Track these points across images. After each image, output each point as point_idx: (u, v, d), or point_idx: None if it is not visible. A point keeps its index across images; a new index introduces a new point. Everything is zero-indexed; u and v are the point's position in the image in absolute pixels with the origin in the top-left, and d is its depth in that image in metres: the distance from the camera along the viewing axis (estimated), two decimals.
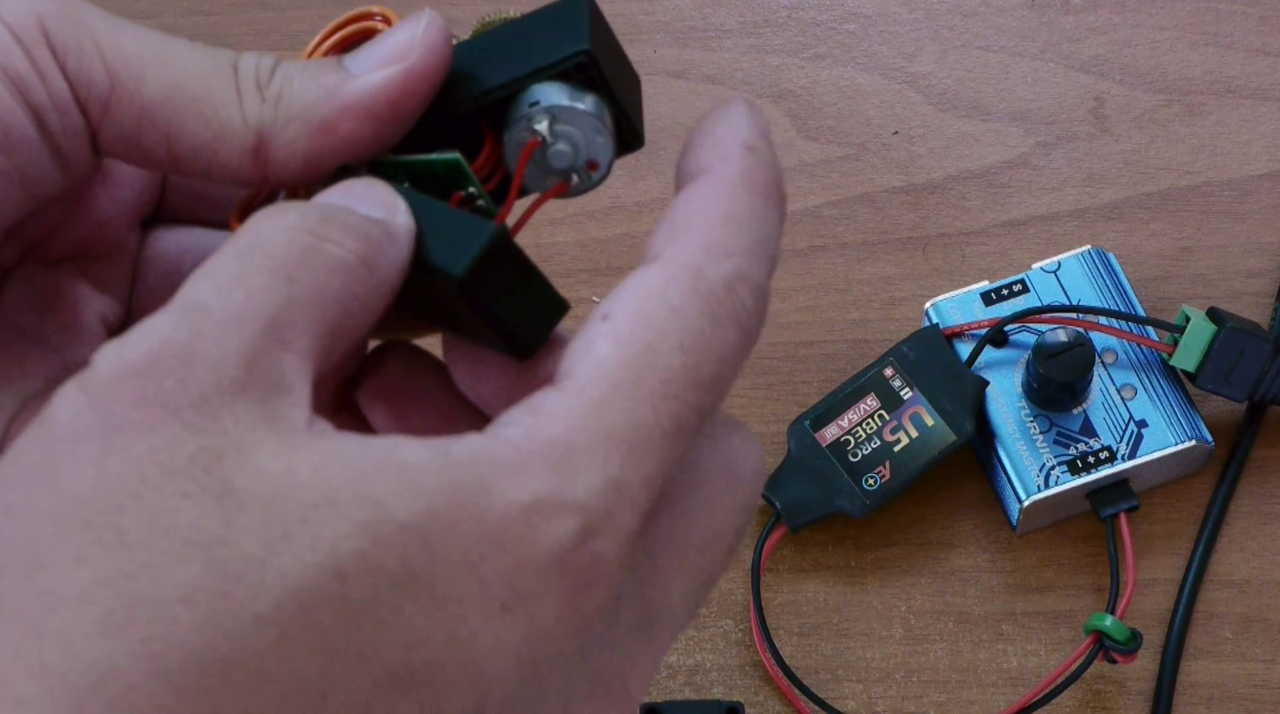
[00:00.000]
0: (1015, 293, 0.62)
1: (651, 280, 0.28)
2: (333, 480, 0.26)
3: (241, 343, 0.27)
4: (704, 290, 0.28)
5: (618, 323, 0.28)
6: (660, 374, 0.28)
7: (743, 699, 0.59)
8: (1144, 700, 0.59)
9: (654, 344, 0.28)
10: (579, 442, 0.27)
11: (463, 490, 0.26)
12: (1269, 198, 0.66)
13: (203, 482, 0.26)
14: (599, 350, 0.28)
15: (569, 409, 0.27)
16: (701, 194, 0.30)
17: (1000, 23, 0.70)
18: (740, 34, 0.70)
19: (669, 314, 0.28)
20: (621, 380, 0.27)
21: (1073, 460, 0.59)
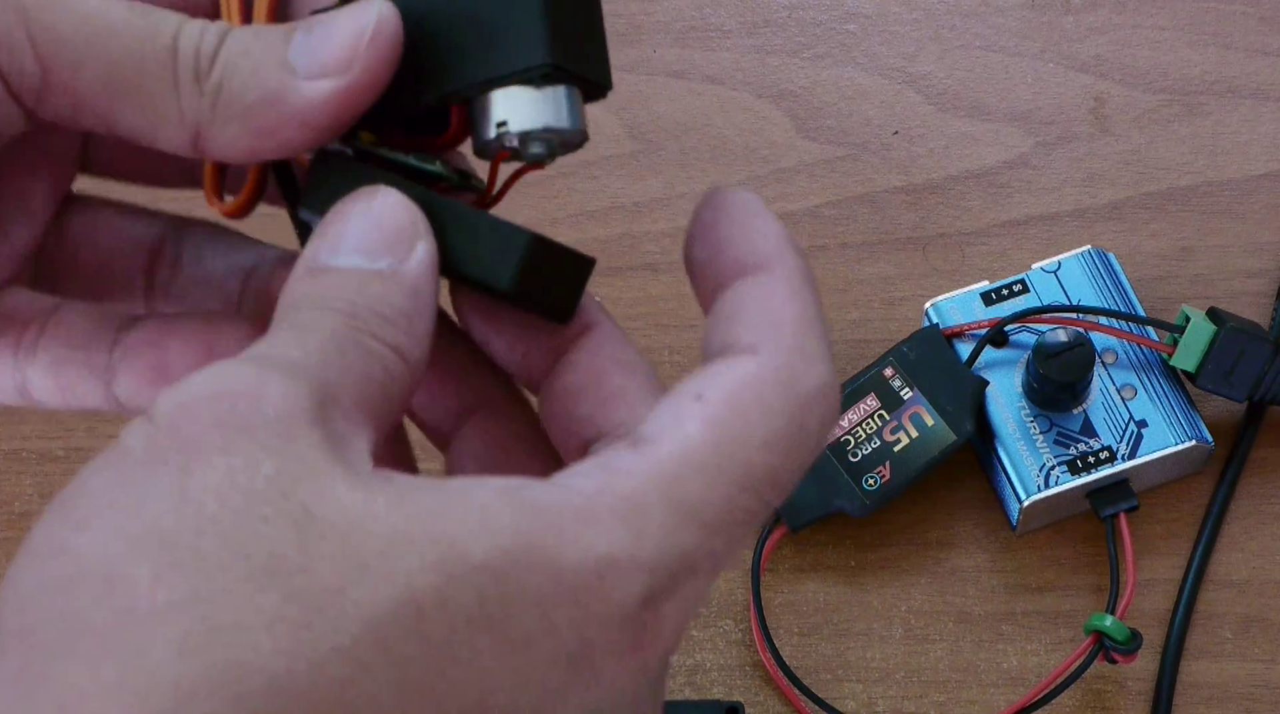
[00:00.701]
0: (1015, 293, 0.62)
1: (747, 372, 0.29)
2: (407, 517, 0.26)
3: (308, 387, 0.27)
4: (798, 394, 0.29)
5: (710, 407, 0.29)
6: (743, 466, 0.28)
7: (743, 699, 0.59)
8: (1144, 700, 0.59)
9: (743, 437, 0.29)
10: (651, 504, 0.28)
11: (535, 535, 0.27)
12: (1269, 198, 0.66)
13: (281, 506, 0.26)
14: (688, 429, 0.28)
15: (644, 472, 0.28)
16: (780, 294, 0.31)
17: (1000, 23, 0.70)
18: (740, 34, 0.70)
19: (762, 411, 0.29)
20: (704, 462, 0.28)
21: (1073, 460, 0.59)
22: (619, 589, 0.27)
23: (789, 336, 0.30)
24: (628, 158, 0.68)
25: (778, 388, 0.29)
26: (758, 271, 0.31)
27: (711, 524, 0.28)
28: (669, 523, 0.28)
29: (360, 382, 0.29)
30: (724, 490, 0.28)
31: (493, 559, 0.26)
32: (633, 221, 0.67)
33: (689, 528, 0.28)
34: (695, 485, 0.28)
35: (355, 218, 0.31)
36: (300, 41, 0.31)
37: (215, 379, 0.27)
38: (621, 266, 0.66)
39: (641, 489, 0.28)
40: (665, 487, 0.28)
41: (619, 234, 0.66)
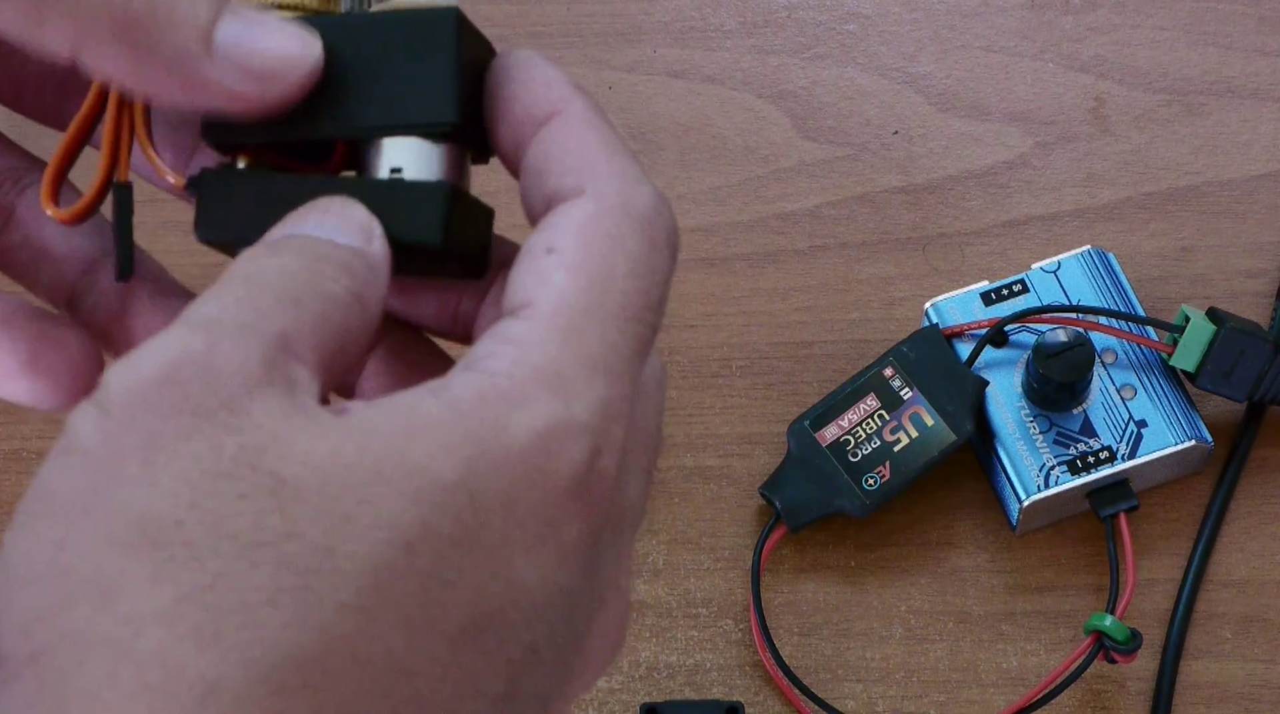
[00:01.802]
0: (1015, 293, 0.62)
1: (584, 212, 0.30)
2: (375, 454, 0.26)
3: (258, 348, 0.27)
4: (636, 217, 0.30)
5: (566, 255, 0.30)
6: (619, 299, 0.29)
7: (743, 699, 0.59)
8: (1144, 700, 0.59)
9: (607, 271, 0.30)
10: (566, 367, 0.28)
11: (485, 435, 0.27)
12: (1269, 198, 0.66)
13: (252, 480, 0.26)
14: (556, 281, 0.29)
15: (544, 337, 0.29)
16: (578, 131, 0.31)
17: (1000, 23, 0.70)
18: (740, 34, 0.70)
19: (612, 243, 0.30)
20: (586, 307, 0.29)
21: (1073, 460, 0.59)
22: (565, 459, 0.28)
23: (605, 167, 0.31)
24: None
25: (617, 217, 0.30)
26: (550, 119, 0.32)
27: (616, 367, 0.29)
28: (586, 378, 0.28)
29: (317, 322, 0.29)
30: (615, 328, 0.29)
31: (459, 475, 0.27)
32: None
33: (602, 376, 0.29)
34: (591, 334, 0.29)
35: (315, 209, 0.31)
36: (231, 29, 0.31)
37: (161, 354, 0.27)
38: None
39: (550, 353, 0.28)
40: (568, 343, 0.29)
41: None
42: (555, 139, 0.32)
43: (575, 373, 0.28)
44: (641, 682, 0.60)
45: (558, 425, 0.28)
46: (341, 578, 0.25)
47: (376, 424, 0.27)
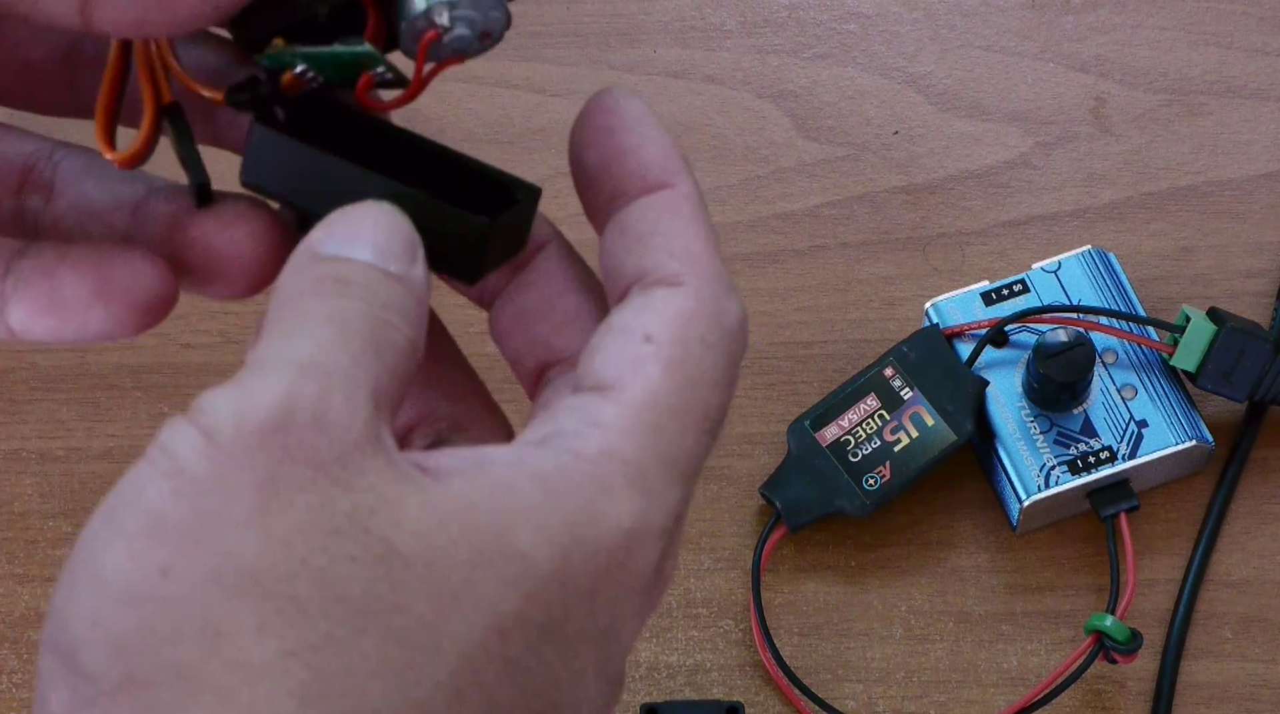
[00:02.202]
0: (1015, 293, 0.62)
1: (685, 308, 0.31)
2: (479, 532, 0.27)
3: (364, 402, 0.28)
4: (727, 328, 0.31)
5: (663, 348, 0.30)
6: (702, 408, 0.30)
7: (743, 699, 0.59)
8: (1144, 700, 0.59)
9: (697, 378, 0.30)
10: (649, 466, 0.29)
11: (579, 526, 0.28)
12: (1269, 198, 0.66)
13: (364, 542, 0.26)
14: (650, 373, 0.30)
15: (632, 429, 0.29)
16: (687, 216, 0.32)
17: (1000, 23, 0.70)
18: (740, 34, 0.70)
19: (705, 349, 0.30)
20: (674, 408, 0.30)
21: (1073, 460, 0.59)
22: (641, 559, 0.28)
23: (708, 266, 0.31)
24: None
25: (711, 322, 0.31)
26: (661, 188, 0.32)
27: (687, 471, 0.30)
28: (665, 481, 0.29)
29: (392, 375, 0.29)
30: (693, 436, 0.30)
31: (556, 565, 0.27)
32: None
33: (677, 482, 0.29)
34: (672, 434, 0.29)
35: (368, 221, 0.31)
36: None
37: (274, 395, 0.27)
38: None
39: (638, 447, 0.29)
40: (653, 441, 0.29)
41: None
42: (664, 215, 0.32)
43: (657, 472, 0.29)
44: (641, 682, 0.60)
45: (640, 525, 0.28)
46: (442, 658, 0.26)
47: (476, 499, 0.27)
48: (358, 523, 0.26)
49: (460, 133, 0.67)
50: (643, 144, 0.33)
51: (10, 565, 0.62)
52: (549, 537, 0.27)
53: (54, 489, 0.63)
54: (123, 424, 0.64)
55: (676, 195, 0.32)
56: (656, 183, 0.32)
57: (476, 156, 0.35)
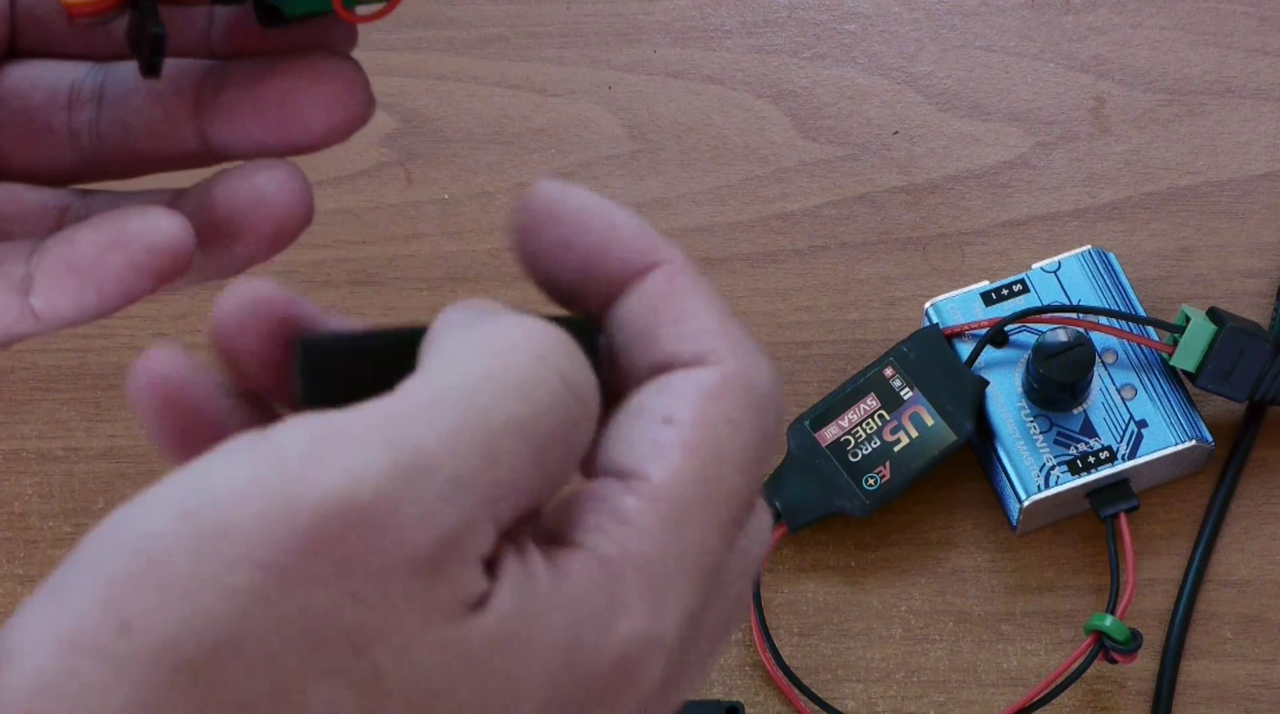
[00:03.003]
0: (1015, 293, 0.62)
1: (708, 384, 0.28)
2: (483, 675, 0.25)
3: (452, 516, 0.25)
4: (756, 402, 0.29)
5: (685, 430, 0.28)
6: (725, 495, 0.28)
7: (743, 699, 0.59)
8: (1144, 700, 0.59)
9: (720, 460, 0.28)
10: (664, 568, 0.27)
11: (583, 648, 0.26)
12: (1269, 198, 0.66)
13: (348, 662, 0.24)
14: (672, 460, 0.28)
15: (652, 526, 0.27)
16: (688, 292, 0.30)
17: (1000, 23, 0.70)
18: (740, 34, 0.70)
19: (731, 428, 0.28)
20: (694, 499, 0.27)
21: (1073, 460, 0.59)
22: (645, 676, 0.27)
23: (724, 337, 0.29)
24: (628, 158, 0.68)
25: (739, 395, 0.28)
26: (650, 269, 0.30)
27: (707, 570, 0.28)
28: (682, 585, 0.27)
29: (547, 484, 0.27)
30: (716, 532, 0.28)
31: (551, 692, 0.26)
32: None
33: (695, 587, 0.27)
34: (693, 530, 0.27)
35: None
36: None
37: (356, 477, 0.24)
38: None
39: (655, 547, 0.27)
40: (672, 538, 0.27)
41: None
42: (663, 298, 0.30)
43: (670, 575, 0.27)
44: None
45: (647, 641, 0.27)
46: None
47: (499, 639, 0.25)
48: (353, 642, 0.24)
49: (460, 132, 0.67)
50: (611, 233, 0.30)
51: (10, 565, 0.62)
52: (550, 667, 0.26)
53: (54, 489, 0.63)
54: (123, 424, 0.64)
55: (671, 271, 0.30)
56: (643, 266, 0.30)
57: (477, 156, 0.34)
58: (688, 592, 0.27)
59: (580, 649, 0.26)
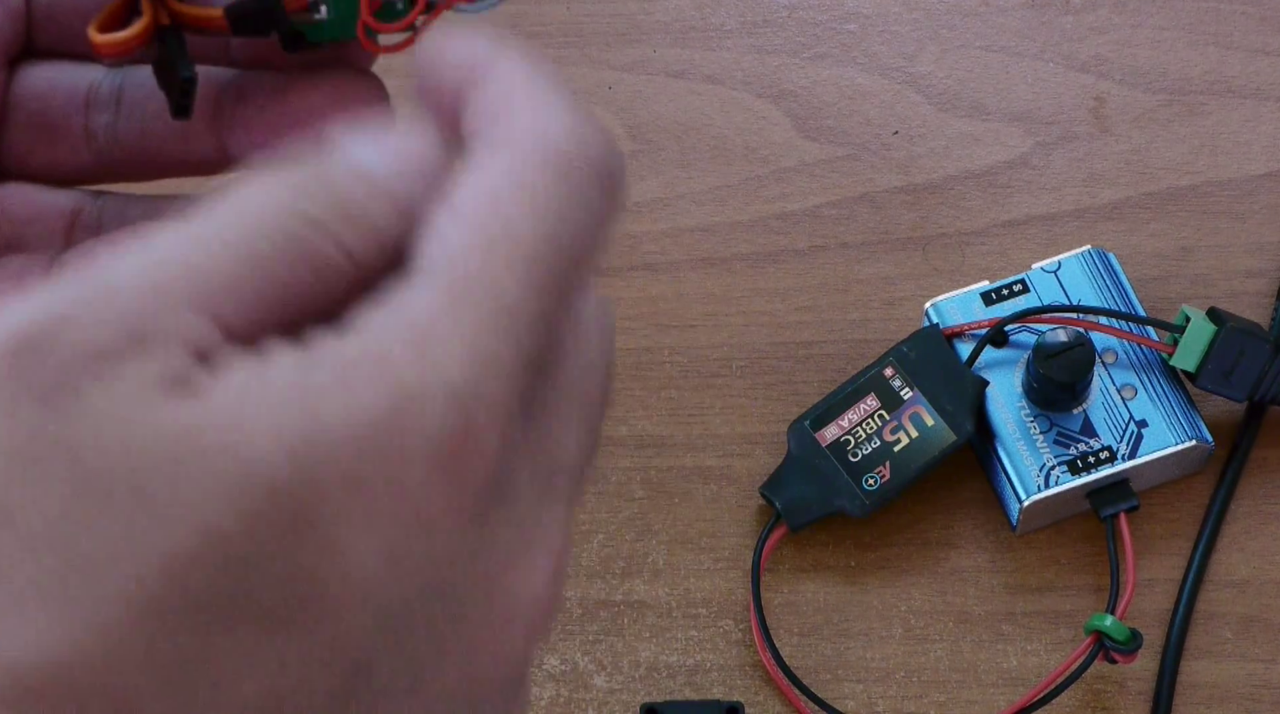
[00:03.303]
0: (1015, 293, 0.62)
1: (487, 152, 0.27)
2: (199, 439, 0.24)
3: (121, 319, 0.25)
4: (551, 155, 0.27)
5: (464, 207, 0.26)
6: (517, 247, 0.26)
7: (743, 699, 0.59)
8: (1144, 700, 0.59)
9: (507, 218, 0.26)
10: (440, 327, 0.25)
11: (329, 408, 0.24)
12: (1269, 198, 0.66)
13: (52, 466, 0.23)
14: (448, 237, 0.26)
15: (421, 297, 0.26)
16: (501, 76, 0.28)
17: (1000, 23, 0.70)
18: (740, 34, 0.70)
19: (517, 188, 0.26)
20: (478, 260, 0.26)
21: (1073, 460, 0.59)
22: (422, 427, 0.25)
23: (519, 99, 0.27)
24: (628, 158, 0.68)
25: (525, 158, 0.27)
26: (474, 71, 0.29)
27: (505, 319, 0.26)
28: (460, 335, 0.25)
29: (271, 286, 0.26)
30: (508, 277, 0.26)
31: (288, 455, 0.24)
32: (632, 221, 0.67)
33: (484, 332, 0.25)
34: (476, 286, 0.26)
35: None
36: None
37: (29, 308, 0.24)
38: (621, 266, 0.66)
39: (425, 313, 0.25)
40: (449, 301, 0.25)
41: (619, 234, 0.66)
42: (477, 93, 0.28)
43: (449, 332, 0.25)
44: (641, 682, 0.60)
45: (416, 390, 0.25)
46: (129, 573, 0.23)
47: (219, 404, 0.24)
48: (56, 446, 0.23)
49: None
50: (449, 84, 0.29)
51: None
52: (283, 428, 0.24)
53: None
54: None
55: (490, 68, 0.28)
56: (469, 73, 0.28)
57: None
58: (477, 341, 0.25)
59: (326, 413, 0.24)
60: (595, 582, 0.61)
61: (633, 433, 0.63)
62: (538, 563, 0.27)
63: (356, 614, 0.25)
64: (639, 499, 0.62)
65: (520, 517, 0.27)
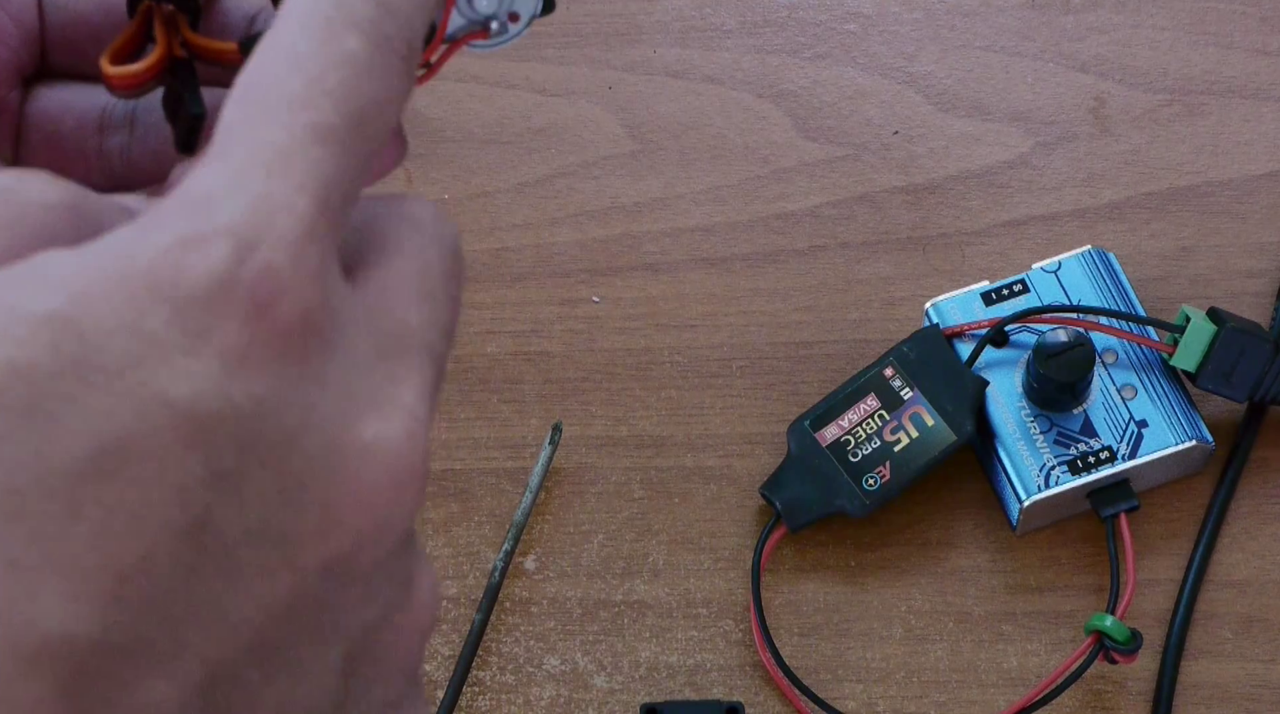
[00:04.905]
0: (1015, 293, 0.62)
1: (262, 42, 0.27)
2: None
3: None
4: (311, 21, 0.27)
5: (236, 88, 0.27)
6: (283, 98, 0.26)
7: (743, 699, 0.59)
8: (1144, 700, 0.59)
9: (271, 81, 0.27)
10: (213, 185, 0.25)
11: (99, 262, 0.24)
12: (1269, 198, 0.66)
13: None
14: (225, 117, 0.27)
15: (204, 169, 0.26)
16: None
17: (1000, 23, 0.70)
18: (740, 34, 0.70)
19: (279, 55, 0.27)
20: (246, 119, 0.26)
21: (1073, 460, 0.59)
22: (200, 263, 0.25)
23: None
24: (628, 158, 0.68)
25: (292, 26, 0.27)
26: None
27: (281, 161, 0.26)
28: (236, 185, 0.25)
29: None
30: (277, 125, 0.26)
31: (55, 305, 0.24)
32: (633, 221, 0.67)
33: (257, 175, 0.25)
34: (244, 141, 0.26)
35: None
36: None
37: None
38: (621, 266, 0.66)
39: (200, 182, 0.25)
40: (222, 162, 0.26)
41: (619, 234, 0.66)
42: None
43: (225, 185, 0.25)
44: (641, 682, 0.60)
45: (189, 235, 0.25)
46: None
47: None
48: None
49: (460, 133, 0.67)
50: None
51: None
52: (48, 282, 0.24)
53: None
54: None
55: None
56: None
57: (476, 156, 0.34)
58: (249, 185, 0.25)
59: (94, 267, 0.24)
60: (595, 582, 0.61)
61: (633, 433, 0.63)
62: (389, 417, 0.27)
63: (176, 458, 0.24)
64: (639, 499, 0.62)
65: (356, 366, 0.27)
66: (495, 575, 0.60)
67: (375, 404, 0.27)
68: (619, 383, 0.64)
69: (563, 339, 0.65)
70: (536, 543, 0.62)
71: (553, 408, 0.64)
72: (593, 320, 0.65)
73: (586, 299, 0.65)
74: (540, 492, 0.62)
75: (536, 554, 0.62)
